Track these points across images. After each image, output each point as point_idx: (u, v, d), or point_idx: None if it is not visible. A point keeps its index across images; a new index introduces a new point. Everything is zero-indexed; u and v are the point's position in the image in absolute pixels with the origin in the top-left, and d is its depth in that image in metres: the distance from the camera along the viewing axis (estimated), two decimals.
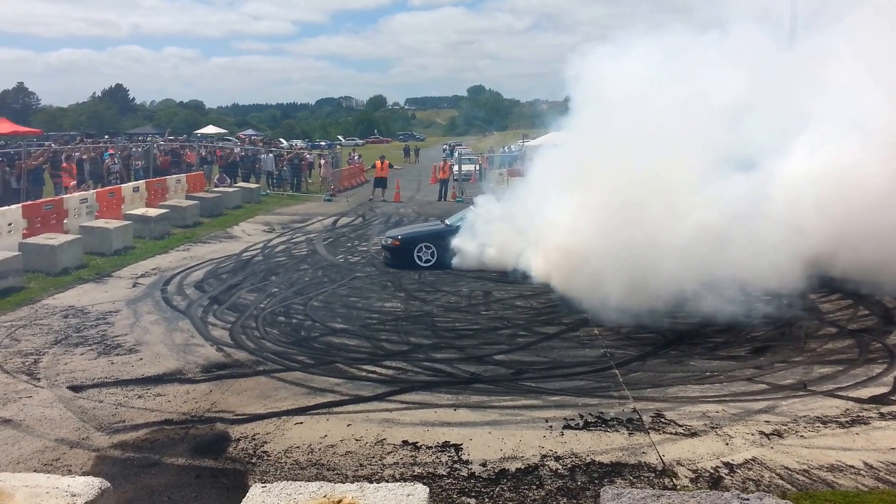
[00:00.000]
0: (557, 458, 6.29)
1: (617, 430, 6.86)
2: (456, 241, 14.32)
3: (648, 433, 6.79)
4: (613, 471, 6.08)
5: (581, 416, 7.16)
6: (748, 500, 4.02)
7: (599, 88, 11.82)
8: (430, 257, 14.32)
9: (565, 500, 5.63)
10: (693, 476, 5.96)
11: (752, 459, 6.24)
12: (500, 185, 20.92)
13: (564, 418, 7.11)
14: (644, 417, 7.14)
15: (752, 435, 6.71)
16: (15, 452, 6.33)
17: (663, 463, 6.20)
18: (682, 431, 6.81)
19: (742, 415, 7.18)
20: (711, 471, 6.04)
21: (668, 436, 6.73)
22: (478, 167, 32.87)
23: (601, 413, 7.25)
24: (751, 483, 5.82)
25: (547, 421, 7.06)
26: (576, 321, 10.51)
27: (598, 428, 6.92)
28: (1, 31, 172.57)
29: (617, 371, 8.48)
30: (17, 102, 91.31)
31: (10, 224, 14.39)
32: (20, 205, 15.62)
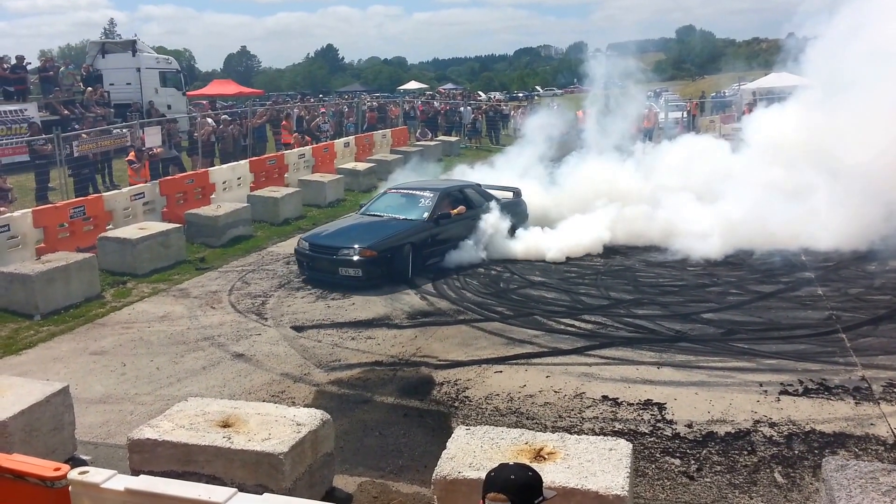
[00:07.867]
0: (772, 425, 5.89)
1: (842, 399, 6.29)
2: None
3: (878, 404, 6.17)
4: (836, 441, 5.61)
5: (800, 382, 6.63)
6: None
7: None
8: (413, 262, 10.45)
9: (780, 468, 5.27)
10: None
11: None
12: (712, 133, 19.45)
13: (781, 383, 6.62)
14: (874, 387, 6.48)
15: None
16: (247, 384, 7.05)
17: (895, 436, 5.60)
18: None
19: None
20: None
21: None
22: (685, 114, 31.02)
23: (824, 380, 6.67)
24: None
25: (761, 385, 6.61)
26: (796, 280, 9.69)
27: (820, 395, 6.38)
28: None
29: (844, 335, 7.74)
30: (241, 65, 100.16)
31: (239, 178, 15.88)
32: (248, 160, 17.19)
